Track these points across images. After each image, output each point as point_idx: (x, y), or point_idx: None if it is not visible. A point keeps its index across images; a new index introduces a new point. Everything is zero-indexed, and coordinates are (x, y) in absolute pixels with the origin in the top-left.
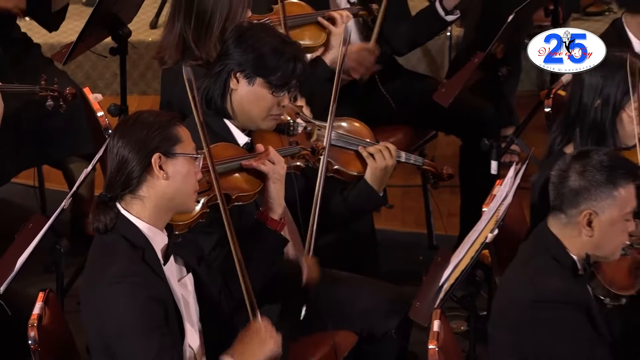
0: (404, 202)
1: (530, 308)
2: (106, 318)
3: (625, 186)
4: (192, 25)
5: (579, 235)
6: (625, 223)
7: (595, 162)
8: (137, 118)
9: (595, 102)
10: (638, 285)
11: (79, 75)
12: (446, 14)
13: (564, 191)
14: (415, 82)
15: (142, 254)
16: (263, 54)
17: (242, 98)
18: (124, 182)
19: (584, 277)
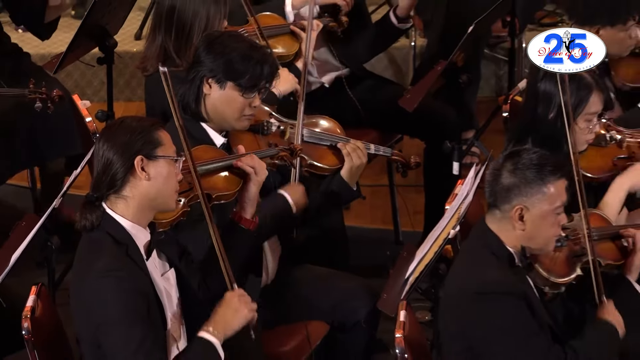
0: (372, 200)
1: (473, 300)
2: (93, 309)
3: (554, 182)
4: (172, 37)
5: (513, 229)
6: (557, 216)
7: (525, 160)
8: (121, 123)
9: (549, 112)
10: (575, 274)
11: (68, 83)
12: (399, 22)
13: (497, 188)
14: (381, 88)
15: (126, 250)
16: (232, 59)
17: (215, 101)
18: (109, 182)
19: (521, 268)
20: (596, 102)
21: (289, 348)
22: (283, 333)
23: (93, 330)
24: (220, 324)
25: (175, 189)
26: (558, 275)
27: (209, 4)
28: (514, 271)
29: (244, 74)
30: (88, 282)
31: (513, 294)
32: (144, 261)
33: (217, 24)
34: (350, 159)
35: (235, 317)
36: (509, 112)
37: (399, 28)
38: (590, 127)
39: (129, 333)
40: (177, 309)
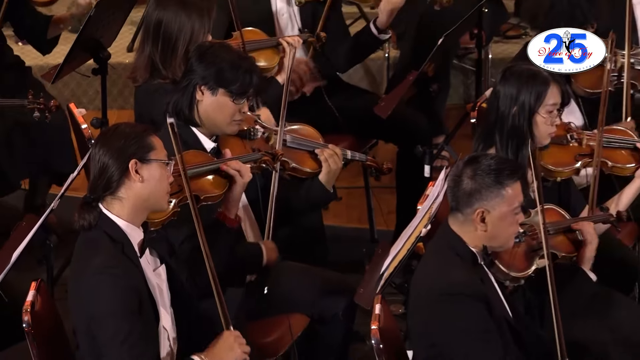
0: (349, 201)
1: (438, 300)
2: (88, 303)
3: (512, 185)
4: (159, 49)
5: (475, 230)
6: (515, 216)
7: (484, 166)
8: (115, 129)
9: (512, 109)
10: (533, 268)
11: (65, 92)
12: (379, 33)
13: (458, 194)
14: (357, 96)
15: (122, 248)
16: (223, 68)
17: (208, 107)
18: (105, 185)
19: (483, 266)
20: (554, 93)
21: (272, 339)
22: (267, 325)
23: (88, 322)
24: (214, 358)
25: (166, 191)
26: (517, 270)
27: (194, 20)
28: (477, 270)
29: (235, 81)
30: (85, 278)
31: (475, 296)
32: (137, 258)
33: (201, 37)
34: (327, 164)
35: (228, 356)
36: (476, 118)
37: (379, 38)
38: (551, 117)
39: (118, 326)
40: (167, 302)
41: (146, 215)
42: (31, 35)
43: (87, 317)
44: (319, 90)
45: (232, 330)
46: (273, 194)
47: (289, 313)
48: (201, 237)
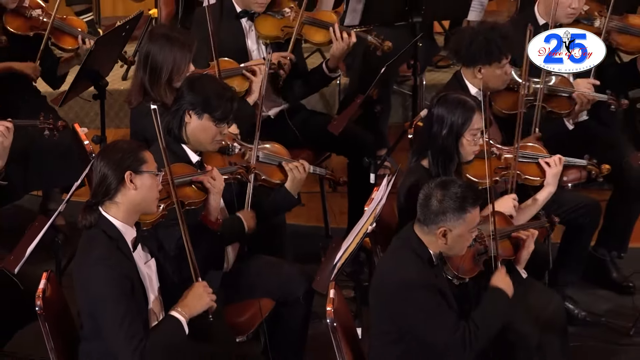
0: (308, 204)
1: (397, 289)
2: (89, 290)
3: (472, 210)
4: (147, 76)
5: (437, 241)
6: (471, 234)
7: (451, 193)
8: (114, 145)
9: (442, 131)
10: (478, 269)
11: (70, 114)
12: (330, 72)
13: (427, 211)
14: (314, 117)
15: (117, 244)
16: (209, 97)
17: (194, 129)
18: (104, 191)
19: (437, 266)
20: (478, 120)
21: (245, 319)
22: (240, 307)
23: (89, 305)
24: (187, 307)
25: (156, 197)
26: (464, 271)
27: (175, 52)
28: (432, 268)
29: (218, 108)
30: (86, 268)
31: (429, 286)
32: (131, 252)
33: (183, 67)
34: (292, 174)
35: (198, 303)
36: (412, 135)
37: (330, 77)
38: (474, 140)
39: (115, 308)
40: (156, 289)
41: (138, 217)
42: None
43: (88, 301)
44: (282, 112)
45: (200, 281)
46: (248, 201)
47: (258, 297)
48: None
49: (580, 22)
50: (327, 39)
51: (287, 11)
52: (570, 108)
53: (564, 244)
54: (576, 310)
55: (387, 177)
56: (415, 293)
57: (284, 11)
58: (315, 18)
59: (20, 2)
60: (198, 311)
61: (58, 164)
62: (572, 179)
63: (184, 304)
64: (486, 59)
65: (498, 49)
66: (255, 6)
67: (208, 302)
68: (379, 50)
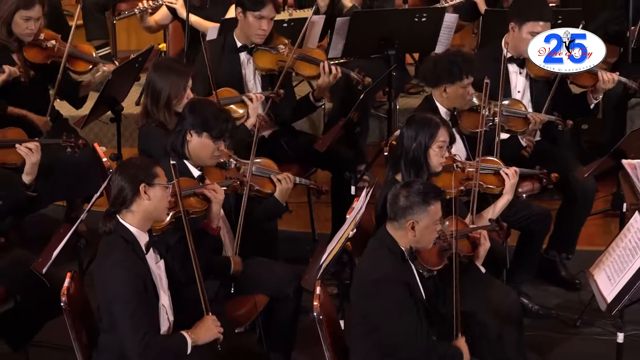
0: (297, 212)
1: (373, 285)
2: (108, 288)
3: (434, 204)
4: (149, 100)
5: (406, 235)
6: (435, 226)
7: (415, 189)
8: (130, 162)
9: (412, 145)
10: (443, 263)
11: (90, 135)
12: (316, 101)
13: (396, 208)
14: (302, 136)
15: (132, 247)
16: (207, 118)
17: (195, 146)
18: (121, 202)
19: (409, 260)
20: (443, 133)
21: (242, 312)
22: (238, 302)
23: (107, 301)
24: (196, 335)
25: (166, 207)
26: (432, 264)
27: (173, 79)
28: (404, 263)
29: (215, 127)
30: (105, 269)
31: (399, 281)
32: (144, 255)
33: (181, 93)
34: (280, 185)
35: (207, 334)
36: (388, 152)
37: (315, 105)
38: (441, 152)
39: (128, 305)
40: (166, 286)
41: (150, 224)
42: (68, 96)
43: (106, 298)
44: (274, 133)
45: (210, 315)
46: (243, 209)
47: (254, 294)
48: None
49: None
50: (316, 72)
51: (281, 47)
52: (525, 127)
53: (520, 247)
54: (530, 304)
55: (366, 189)
56: (388, 287)
57: (279, 47)
58: (306, 55)
59: (36, 36)
60: (205, 341)
61: (80, 177)
62: (527, 190)
63: (195, 332)
64: (449, 79)
65: (459, 69)
66: (255, 38)
67: (215, 334)
68: (360, 85)
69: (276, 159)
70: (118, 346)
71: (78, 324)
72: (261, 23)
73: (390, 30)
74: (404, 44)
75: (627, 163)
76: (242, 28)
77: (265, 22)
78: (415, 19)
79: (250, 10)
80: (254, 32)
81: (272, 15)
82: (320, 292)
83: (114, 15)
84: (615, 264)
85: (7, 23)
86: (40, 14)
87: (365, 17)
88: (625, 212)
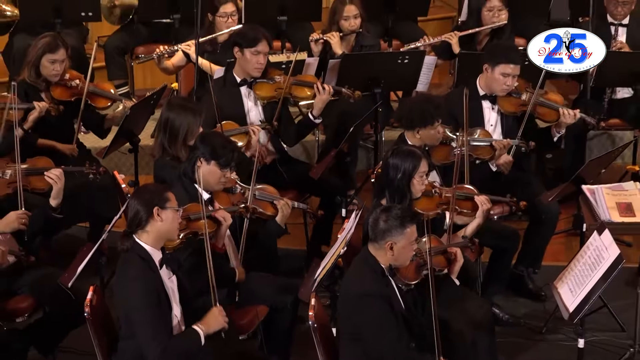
0: (294, 232)
1: (357, 299)
2: (126, 300)
3: (410, 226)
4: (167, 137)
5: (385, 255)
6: (412, 246)
7: (393, 214)
8: (145, 188)
9: (397, 175)
10: (420, 277)
11: (111, 164)
12: (315, 119)
13: (376, 231)
14: (298, 165)
15: (148, 264)
16: (215, 147)
17: (204, 172)
18: (137, 223)
19: (389, 276)
20: (424, 164)
21: (246, 321)
22: (243, 312)
23: (126, 312)
24: (206, 325)
25: (177, 228)
26: (410, 279)
27: (189, 118)
28: (384, 279)
29: (222, 156)
30: (124, 284)
31: (381, 296)
32: (158, 270)
33: (195, 130)
34: (281, 210)
35: (215, 323)
36: (374, 179)
37: (315, 122)
38: (422, 181)
39: (146, 314)
40: (177, 299)
41: (163, 242)
42: (94, 128)
43: (125, 308)
44: (274, 160)
45: (218, 306)
46: (245, 229)
47: (256, 305)
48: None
49: (512, 95)
50: (312, 93)
51: (277, 78)
52: (492, 153)
53: (491, 263)
54: (501, 313)
55: (355, 211)
56: (370, 302)
57: (275, 78)
58: (300, 80)
59: (62, 76)
60: (214, 329)
61: (101, 201)
62: (497, 212)
63: (204, 322)
64: (422, 124)
65: (431, 116)
66: (254, 72)
67: (222, 323)
68: (352, 99)
69: (276, 185)
70: (135, 350)
71: (99, 331)
72: (258, 58)
73: (377, 71)
74: (389, 83)
75: (587, 188)
76: (240, 65)
77: (261, 56)
78: (399, 60)
79: (247, 47)
80: (252, 66)
81: (266, 50)
82: (314, 303)
83: (132, 58)
84: (577, 277)
85: (36, 66)
86: (64, 56)
87: (354, 59)
88: (585, 231)
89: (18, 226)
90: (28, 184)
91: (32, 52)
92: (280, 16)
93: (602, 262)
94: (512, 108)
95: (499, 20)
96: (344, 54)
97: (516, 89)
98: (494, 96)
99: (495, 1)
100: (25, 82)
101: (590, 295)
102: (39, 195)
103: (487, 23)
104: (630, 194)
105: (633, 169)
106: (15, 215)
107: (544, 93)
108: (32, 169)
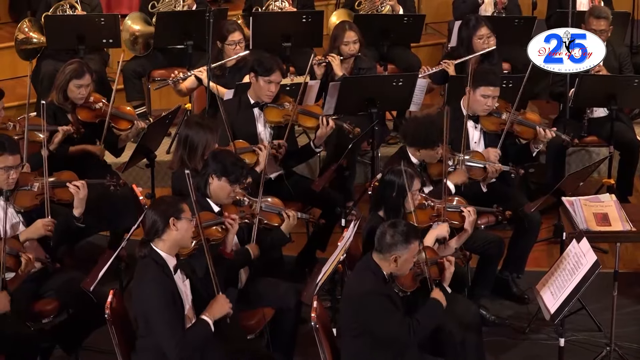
0: (297, 240)
1: (360, 299)
2: (144, 301)
3: (414, 242)
4: (186, 151)
5: (389, 265)
6: (413, 259)
7: (399, 230)
8: (161, 200)
9: (392, 193)
10: (416, 285)
11: (129, 178)
12: (316, 148)
13: (383, 243)
14: (302, 180)
15: (162, 269)
16: (226, 165)
17: (215, 187)
18: (154, 232)
19: (389, 283)
20: (417, 183)
21: (253, 322)
22: (250, 314)
23: (144, 312)
24: (211, 312)
25: (190, 236)
26: (407, 287)
27: (207, 134)
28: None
29: (232, 173)
30: (141, 287)
31: (383, 294)
32: (172, 275)
33: (212, 145)
34: (287, 220)
35: (219, 310)
36: (371, 191)
37: (315, 151)
38: (415, 197)
39: (163, 314)
40: (190, 301)
41: (177, 250)
42: (109, 147)
43: (143, 309)
44: (280, 176)
45: (221, 294)
46: (253, 237)
47: (262, 307)
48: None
49: (492, 115)
50: (315, 124)
51: (286, 104)
52: (485, 175)
53: (479, 269)
54: (488, 315)
55: (353, 221)
56: (372, 299)
57: (285, 104)
58: (307, 110)
59: (87, 99)
60: (220, 315)
61: (120, 212)
62: (484, 222)
63: (210, 309)
64: (424, 145)
65: (433, 141)
66: (265, 97)
67: (227, 309)
68: (351, 134)
69: (280, 197)
70: (153, 348)
71: (119, 331)
72: (270, 86)
73: (373, 92)
74: (384, 103)
75: (566, 200)
76: (254, 89)
77: (273, 85)
78: (394, 83)
79: (261, 75)
80: (264, 93)
81: (279, 80)
82: (316, 306)
83: (149, 81)
84: (557, 282)
85: (63, 90)
86: (90, 81)
87: (352, 82)
88: (564, 239)
89: (44, 232)
90: (54, 195)
91: (60, 77)
92: (285, 42)
93: (581, 267)
94: (492, 127)
95: (488, 45)
96: (344, 76)
97: (497, 109)
98: (477, 116)
99: (484, 30)
100: (53, 104)
101: (570, 298)
102: (64, 206)
103: (477, 49)
104: (606, 205)
105: (608, 182)
106: (41, 223)
107: (522, 113)
108: (58, 182)
